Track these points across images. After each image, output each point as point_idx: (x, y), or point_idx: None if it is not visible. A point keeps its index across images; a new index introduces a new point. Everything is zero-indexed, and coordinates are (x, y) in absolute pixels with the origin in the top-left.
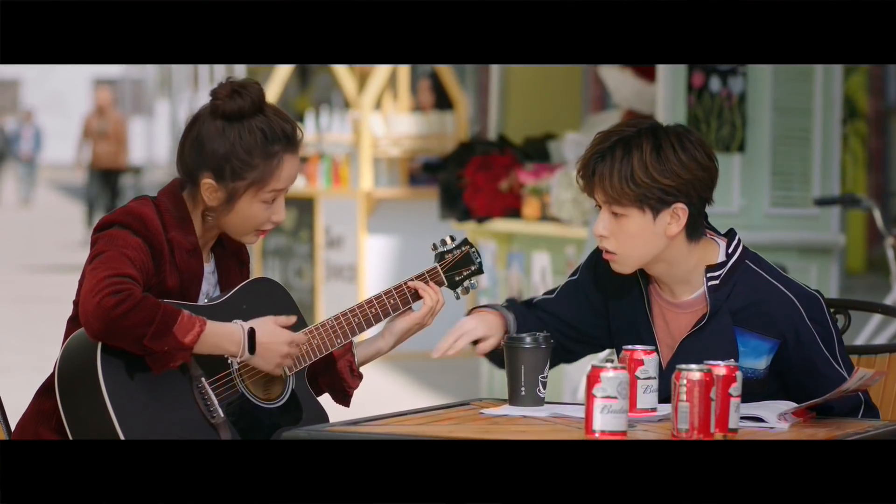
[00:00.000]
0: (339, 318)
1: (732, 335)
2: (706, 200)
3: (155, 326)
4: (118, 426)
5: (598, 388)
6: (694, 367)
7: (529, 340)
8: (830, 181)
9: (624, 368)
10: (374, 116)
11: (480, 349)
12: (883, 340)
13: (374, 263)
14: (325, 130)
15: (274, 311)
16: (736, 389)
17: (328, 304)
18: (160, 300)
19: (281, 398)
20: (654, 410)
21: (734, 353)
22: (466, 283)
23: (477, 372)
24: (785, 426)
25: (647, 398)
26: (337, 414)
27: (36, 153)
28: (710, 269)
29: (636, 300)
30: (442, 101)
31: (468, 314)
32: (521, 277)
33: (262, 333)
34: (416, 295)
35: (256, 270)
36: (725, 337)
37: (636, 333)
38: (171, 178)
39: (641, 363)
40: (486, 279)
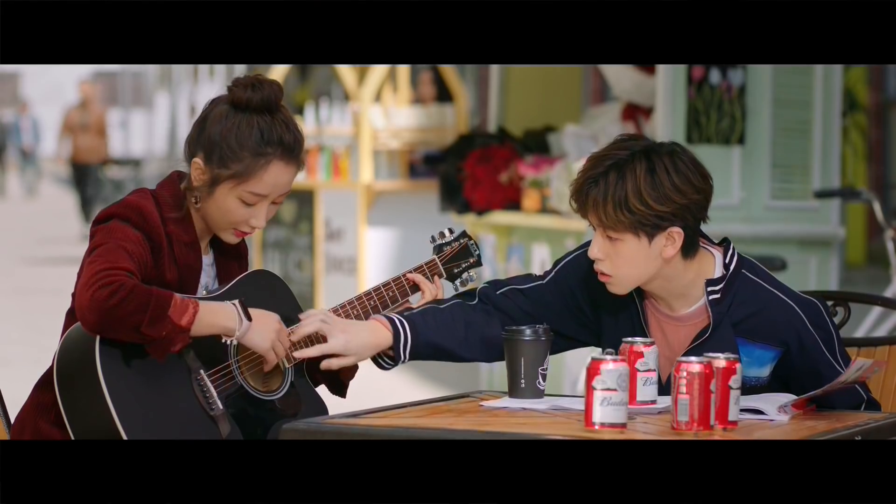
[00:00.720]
0: (338, 309)
1: (734, 346)
2: (701, 220)
3: (150, 312)
4: (117, 419)
5: (598, 380)
6: (693, 359)
7: (529, 332)
8: (830, 173)
9: (624, 361)
10: (373, 109)
11: (325, 364)
12: (883, 333)
13: (373, 256)
14: (325, 123)
15: (273, 303)
16: (736, 381)
17: (328, 296)
18: (151, 286)
19: (280, 390)
20: (653, 402)
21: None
22: (465, 275)
23: (477, 364)
24: (785, 418)
25: (646, 390)
26: (336, 406)
27: (35, 145)
28: (710, 283)
29: (632, 315)
30: (442, 93)
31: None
32: (521, 270)
33: (252, 308)
34: (415, 287)
35: (256, 263)
36: (728, 348)
37: None
38: (170, 170)
39: (641, 355)
40: (487, 272)
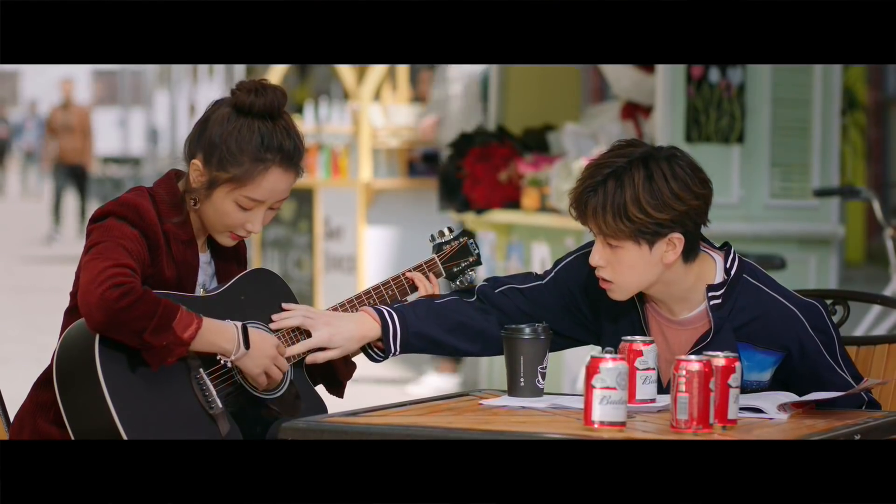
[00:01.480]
0: (337, 308)
1: (735, 351)
2: (702, 224)
3: (156, 320)
4: (117, 417)
5: (597, 378)
6: (693, 357)
7: (528, 331)
8: (829, 172)
9: (623, 359)
10: (373, 107)
11: (310, 358)
12: (882, 331)
13: (373, 254)
14: (324, 121)
15: (272, 301)
16: (735, 380)
17: (327, 294)
18: (159, 295)
19: (279, 389)
20: (653, 401)
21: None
22: (464, 274)
23: (476, 362)
24: (784, 417)
25: (646, 389)
26: (336, 405)
27: (39, 144)
28: (710, 288)
29: (633, 319)
30: None
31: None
32: (520, 268)
33: (253, 332)
34: (414, 286)
35: (255, 261)
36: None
37: None
38: (168, 168)
39: (640, 354)
40: (485, 270)
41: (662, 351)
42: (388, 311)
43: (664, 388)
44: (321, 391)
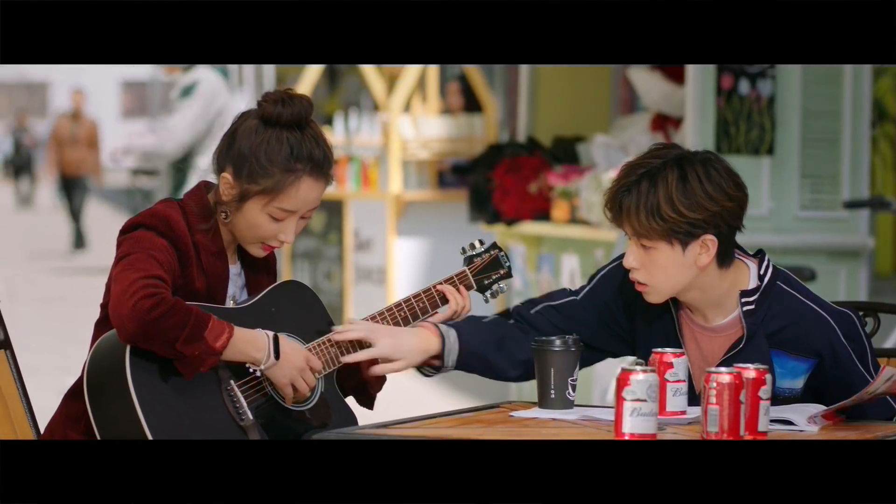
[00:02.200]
0: (368, 321)
1: (769, 357)
2: (736, 228)
3: (188, 330)
4: (147, 429)
5: (627, 390)
6: (723, 369)
7: (559, 343)
8: (859, 184)
9: (653, 371)
10: (403, 119)
11: (373, 370)
12: None
13: (403, 266)
14: (354, 133)
15: (303, 314)
16: (765, 392)
17: (357, 306)
18: (190, 305)
19: (310, 401)
20: (683, 413)
21: (771, 375)
22: (495, 286)
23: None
24: (815, 429)
25: (676, 401)
26: (366, 417)
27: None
28: (744, 294)
29: (667, 325)
30: (471, 103)
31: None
32: (551, 280)
33: (284, 342)
34: (444, 298)
35: (285, 273)
36: (762, 359)
37: None
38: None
39: (671, 366)
40: (518, 282)
41: (695, 358)
42: (445, 327)
43: (696, 394)
44: (350, 402)
